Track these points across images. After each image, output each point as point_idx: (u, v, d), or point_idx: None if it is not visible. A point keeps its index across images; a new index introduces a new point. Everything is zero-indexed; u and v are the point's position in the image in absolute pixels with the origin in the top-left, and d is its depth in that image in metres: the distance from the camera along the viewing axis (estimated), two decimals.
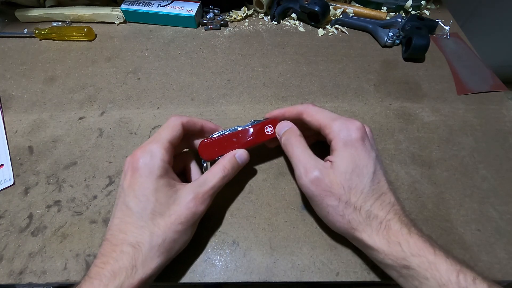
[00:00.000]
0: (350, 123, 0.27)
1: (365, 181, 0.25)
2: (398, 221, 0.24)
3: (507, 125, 0.38)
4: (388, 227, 0.23)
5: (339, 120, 0.27)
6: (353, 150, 0.26)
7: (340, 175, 0.25)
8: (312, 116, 0.29)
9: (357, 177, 0.25)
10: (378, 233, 0.24)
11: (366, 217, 0.24)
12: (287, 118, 0.31)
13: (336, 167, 0.25)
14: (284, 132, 0.30)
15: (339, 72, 0.44)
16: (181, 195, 0.25)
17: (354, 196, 0.25)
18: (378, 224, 0.24)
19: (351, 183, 0.25)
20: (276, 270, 0.27)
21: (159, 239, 0.23)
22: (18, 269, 0.28)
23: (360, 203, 0.24)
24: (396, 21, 0.48)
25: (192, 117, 0.30)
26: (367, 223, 0.24)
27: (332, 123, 0.27)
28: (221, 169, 0.28)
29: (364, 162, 0.25)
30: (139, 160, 0.25)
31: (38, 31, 0.49)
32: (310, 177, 0.26)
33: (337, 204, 0.25)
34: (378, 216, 0.24)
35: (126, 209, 0.24)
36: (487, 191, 0.32)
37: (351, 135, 0.26)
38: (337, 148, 0.26)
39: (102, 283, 0.21)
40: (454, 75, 0.44)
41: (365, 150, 0.26)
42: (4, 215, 0.31)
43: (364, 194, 0.25)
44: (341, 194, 0.25)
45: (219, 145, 0.30)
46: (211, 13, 0.52)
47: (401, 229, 0.23)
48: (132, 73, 0.45)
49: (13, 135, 0.38)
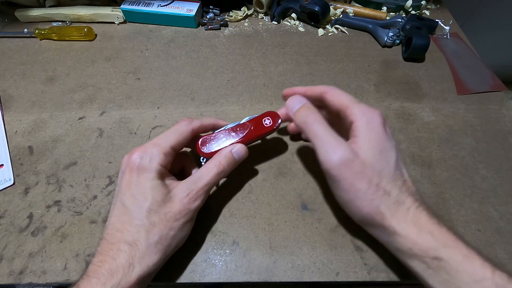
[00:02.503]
0: (373, 108, 0.26)
1: (391, 165, 0.24)
2: (425, 210, 0.23)
3: (507, 125, 0.38)
4: (417, 215, 0.22)
5: (362, 105, 0.26)
6: (377, 134, 0.25)
7: (370, 156, 0.24)
8: (335, 97, 0.28)
9: (384, 161, 0.24)
10: (407, 220, 0.22)
11: (395, 201, 0.23)
12: (308, 96, 0.30)
13: (363, 148, 0.24)
14: (300, 109, 0.28)
15: (339, 72, 0.44)
16: (176, 192, 0.25)
17: (383, 179, 0.23)
18: (406, 211, 0.23)
19: (379, 167, 0.24)
20: (276, 270, 0.27)
21: (156, 236, 0.23)
22: (18, 269, 0.28)
23: (389, 187, 0.23)
24: (396, 21, 0.48)
25: (203, 120, 0.30)
26: (396, 208, 0.23)
27: (355, 105, 0.26)
28: (216, 165, 0.27)
29: (388, 146, 0.25)
30: (137, 160, 0.25)
31: (38, 31, 0.49)
32: (339, 157, 0.24)
33: (368, 187, 0.23)
34: (405, 203, 0.23)
35: (122, 208, 0.24)
36: (487, 191, 0.32)
37: (375, 119, 0.25)
38: (360, 129, 0.25)
39: (100, 281, 0.21)
40: (454, 75, 0.44)
41: (387, 136, 0.25)
42: (4, 215, 0.31)
43: (391, 178, 0.24)
44: (372, 176, 0.23)
45: (217, 141, 0.29)
46: (211, 13, 0.52)
47: (431, 218, 0.22)
48: (132, 73, 0.45)
49: (13, 135, 0.38)
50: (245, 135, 0.29)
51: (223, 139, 0.29)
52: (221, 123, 0.31)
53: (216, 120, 0.31)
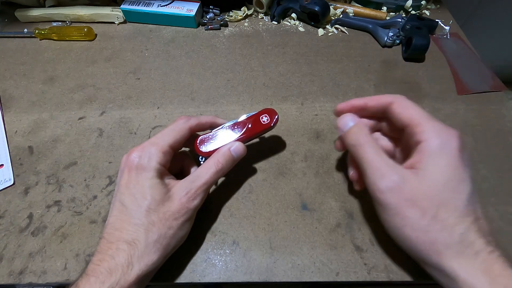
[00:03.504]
0: (449, 128, 0.23)
1: (461, 198, 0.21)
2: (500, 257, 0.19)
3: (507, 125, 0.38)
4: (488, 263, 0.19)
5: (437, 123, 0.23)
6: (449, 160, 0.22)
7: (430, 185, 0.21)
8: (404, 109, 0.24)
9: (452, 192, 0.21)
10: (475, 265, 0.19)
11: (460, 240, 0.20)
12: (370, 108, 0.27)
13: (424, 175, 0.21)
14: (351, 129, 0.25)
15: (339, 72, 0.44)
16: (175, 191, 0.25)
17: (445, 213, 0.20)
18: (474, 255, 0.19)
19: (443, 197, 0.21)
20: (276, 270, 0.27)
21: (154, 235, 0.23)
22: (18, 269, 0.28)
23: (452, 222, 0.20)
24: (396, 21, 0.48)
25: (201, 118, 0.29)
26: (459, 249, 0.20)
27: (427, 122, 0.23)
28: (215, 163, 0.27)
29: (462, 176, 0.21)
30: (135, 159, 0.25)
31: (38, 31, 0.49)
32: (388, 184, 0.22)
33: (420, 217, 0.21)
34: (474, 244, 0.19)
35: (121, 207, 0.25)
36: (487, 191, 0.32)
37: (451, 142, 0.22)
38: (429, 152, 0.22)
39: (98, 280, 0.21)
40: (454, 75, 0.44)
41: (464, 164, 0.22)
42: (4, 215, 0.31)
43: (458, 212, 0.20)
44: (427, 207, 0.21)
45: (215, 140, 0.29)
46: (211, 13, 0.52)
47: (506, 269, 0.19)
48: (132, 73, 0.45)
49: (13, 135, 0.38)
50: (243, 133, 0.29)
51: (221, 138, 0.29)
52: (218, 121, 0.31)
53: (214, 118, 0.31)
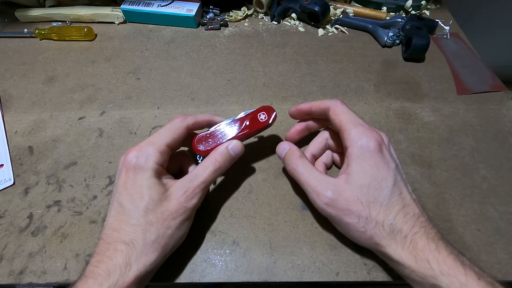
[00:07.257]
0: (369, 132, 0.26)
1: (383, 194, 0.24)
2: (424, 235, 0.23)
3: (507, 125, 0.38)
4: (414, 242, 0.22)
5: (360, 127, 0.26)
6: (370, 161, 0.25)
7: (357, 190, 0.24)
8: (337, 116, 0.27)
9: (375, 190, 0.24)
10: (404, 248, 0.23)
11: (389, 231, 0.23)
12: (313, 112, 0.30)
13: (351, 181, 0.24)
14: (285, 154, 0.29)
15: (339, 72, 0.44)
16: (173, 191, 0.25)
17: (374, 210, 0.24)
18: (403, 239, 0.23)
19: (369, 197, 0.24)
20: (276, 270, 0.27)
21: (153, 235, 0.23)
22: (18, 269, 0.28)
23: (381, 217, 0.23)
24: (396, 21, 0.48)
25: (198, 117, 0.29)
26: (391, 237, 0.23)
27: (352, 129, 0.26)
28: (213, 162, 0.27)
29: (383, 174, 0.24)
30: (133, 160, 0.25)
31: (38, 31, 0.49)
32: (323, 200, 0.25)
33: (357, 221, 0.24)
34: (402, 230, 0.23)
35: (119, 208, 0.24)
36: (487, 191, 0.32)
37: (369, 145, 0.25)
38: (352, 158, 0.25)
39: (97, 281, 0.21)
40: (454, 75, 0.44)
41: (384, 161, 0.25)
42: (4, 215, 0.31)
43: (384, 207, 0.24)
44: (360, 210, 0.24)
45: (213, 138, 0.29)
46: (211, 13, 0.52)
47: (428, 244, 0.22)
48: (132, 73, 0.45)
49: (13, 135, 0.38)
50: (240, 131, 0.29)
51: (219, 136, 0.29)
52: (216, 119, 0.31)
53: (211, 116, 0.31)
